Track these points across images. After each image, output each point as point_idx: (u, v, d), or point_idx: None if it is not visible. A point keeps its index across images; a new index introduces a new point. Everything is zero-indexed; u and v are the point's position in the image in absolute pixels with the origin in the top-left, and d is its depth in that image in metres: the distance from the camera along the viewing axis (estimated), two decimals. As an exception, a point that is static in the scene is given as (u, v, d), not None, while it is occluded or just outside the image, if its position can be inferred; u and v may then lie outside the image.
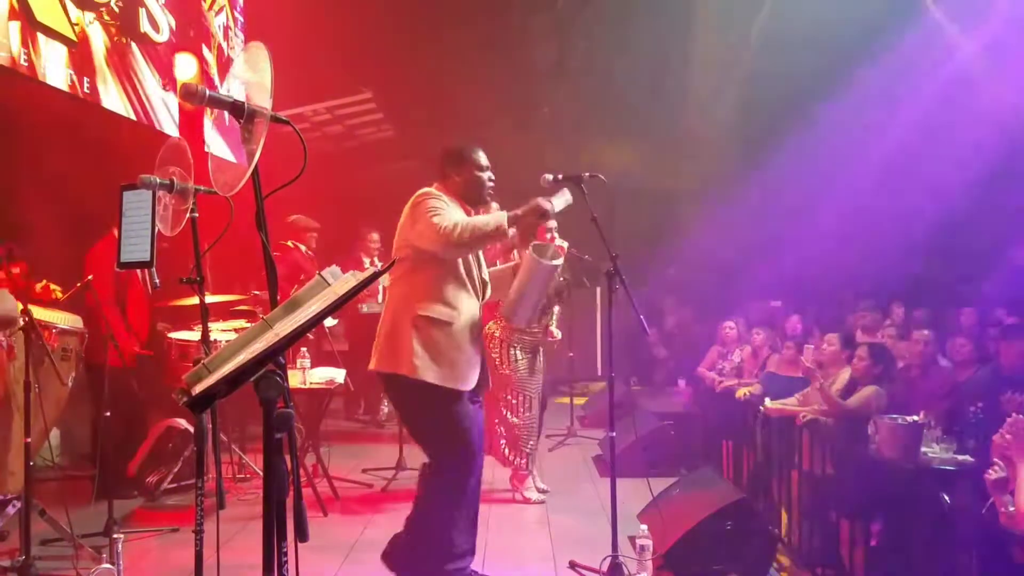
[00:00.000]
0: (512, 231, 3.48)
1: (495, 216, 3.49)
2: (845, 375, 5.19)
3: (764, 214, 11.13)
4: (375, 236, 7.91)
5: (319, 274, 1.84)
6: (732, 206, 10.93)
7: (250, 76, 2.00)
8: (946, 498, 3.50)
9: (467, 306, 3.64)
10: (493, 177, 3.76)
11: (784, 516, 5.22)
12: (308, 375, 5.26)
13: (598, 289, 9.65)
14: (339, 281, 1.82)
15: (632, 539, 4.32)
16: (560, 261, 3.87)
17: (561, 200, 3.63)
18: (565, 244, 4.44)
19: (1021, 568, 3.10)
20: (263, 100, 1.95)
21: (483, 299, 3.80)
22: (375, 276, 1.74)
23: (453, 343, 3.56)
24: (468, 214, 3.69)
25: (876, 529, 4.46)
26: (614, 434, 4.12)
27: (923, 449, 4.41)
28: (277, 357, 1.75)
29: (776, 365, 6.31)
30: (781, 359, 6.30)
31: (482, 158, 3.72)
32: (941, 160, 8.99)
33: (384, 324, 3.67)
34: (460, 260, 3.61)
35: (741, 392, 6.15)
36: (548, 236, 4.40)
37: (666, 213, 11.74)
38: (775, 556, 4.28)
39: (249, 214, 1.98)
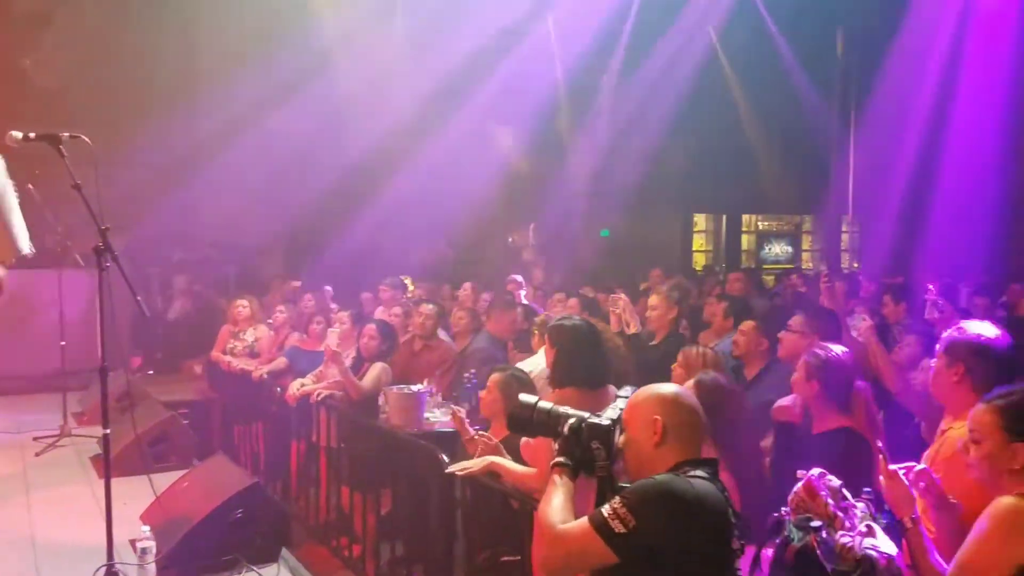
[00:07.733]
0: None
1: None
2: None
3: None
4: None
5: None
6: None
7: None
8: (445, 458, 3.78)
9: None
10: None
11: (304, 494, 5.26)
12: None
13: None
14: None
15: (133, 543, 4.00)
16: None
17: None
18: None
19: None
20: None
21: None
22: None
23: None
24: None
25: (387, 495, 4.70)
26: (108, 431, 3.72)
27: (426, 415, 4.79)
28: None
29: (300, 341, 6.29)
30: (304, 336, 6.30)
31: None
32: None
33: None
34: None
35: (258, 372, 6.01)
36: None
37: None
38: (287, 537, 4.27)
39: None
